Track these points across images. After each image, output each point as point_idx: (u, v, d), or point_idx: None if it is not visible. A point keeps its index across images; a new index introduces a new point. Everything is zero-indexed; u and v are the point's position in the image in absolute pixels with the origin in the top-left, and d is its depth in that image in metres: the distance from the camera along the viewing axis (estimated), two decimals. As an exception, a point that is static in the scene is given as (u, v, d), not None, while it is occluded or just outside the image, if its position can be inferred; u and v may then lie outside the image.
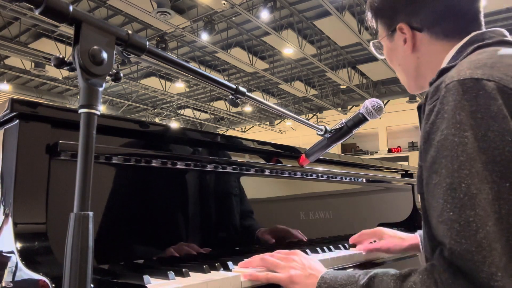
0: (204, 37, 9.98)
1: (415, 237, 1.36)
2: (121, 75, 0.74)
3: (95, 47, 0.64)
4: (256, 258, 1.09)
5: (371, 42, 1.17)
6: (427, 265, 0.78)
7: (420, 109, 0.89)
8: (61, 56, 0.66)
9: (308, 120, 1.88)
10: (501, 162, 0.69)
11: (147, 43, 0.77)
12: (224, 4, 8.84)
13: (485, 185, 0.69)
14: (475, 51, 0.86)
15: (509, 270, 0.66)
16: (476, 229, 0.68)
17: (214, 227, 1.34)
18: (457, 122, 0.72)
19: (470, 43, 0.90)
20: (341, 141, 1.37)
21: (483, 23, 0.96)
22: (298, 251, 1.08)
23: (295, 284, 0.98)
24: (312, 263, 1.02)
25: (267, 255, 1.08)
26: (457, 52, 0.92)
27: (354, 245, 1.49)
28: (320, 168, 1.78)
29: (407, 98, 15.60)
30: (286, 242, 1.53)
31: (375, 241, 1.45)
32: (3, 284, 0.84)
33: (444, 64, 0.92)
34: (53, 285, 0.75)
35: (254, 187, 1.49)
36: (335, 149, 4.66)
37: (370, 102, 1.31)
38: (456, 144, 0.72)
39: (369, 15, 1.12)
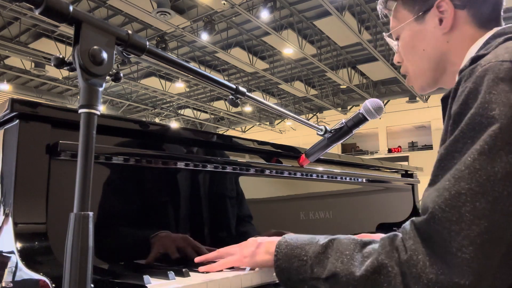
0: (204, 37, 9.98)
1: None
2: (121, 75, 0.74)
3: (95, 47, 0.64)
4: (212, 253, 1.08)
5: (386, 35, 1.11)
6: (390, 234, 0.78)
7: (444, 100, 0.88)
8: (61, 56, 0.66)
9: (308, 120, 1.88)
10: None
11: (147, 43, 0.77)
12: (224, 4, 8.84)
13: (494, 163, 0.68)
14: (506, 42, 0.84)
15: (484, 249, 0.66)
16: (464, 202, 0.68)
17: (214, 227, 1.33)
18: (486, 101, 0.71)
19: (498, 35, 0.89)
20: (341, 141, 1.36)
21: (502, 21, 0.97)
22: (252, 238, 1.04)
23: (248, 258, 0.98)
24: (268, 238, 0.99)
25: (222, 249, 1.07)
26: (485, 43, 0.90)
27: None
28: (320, 168, 1.78)
29: (407, 98, 15.60)
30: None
31: None
32: (3, 284, 0.84)
33: (471, 54, 0.91)
34: (53, 285, 0.75)
35: (254, 187, 1.49)
36: (335, 149, 4.67)
37: (370, 102, 1.31)
38: (477, 123, 0.71)
39: (385, 1, 1.08)
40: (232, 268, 1.03)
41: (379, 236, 1.40)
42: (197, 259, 1.09)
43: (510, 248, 0.67)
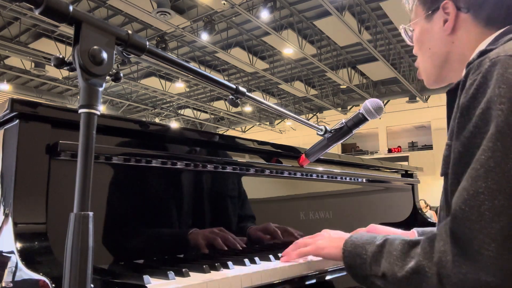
0: (204, 37, 9.98)
1: (412, 233, 1.35)
2: (121, 75, 0.74)
3: (95, 47, 0.64)
4: (291, 246, 1.19)
5: (401, 27, 1.12)
6: (431, 234, 0.80)
7: (450, 92, 0.88)
8: (61, 56, 0.66)
9: (308, 120, 1.88)
10: None
11: (147, 43, 0.77)
12: (224, 4, 8.83)
13: (508, 160, 0.68)
14: None
15: (507, 245, 0.66)
16: (483, 201, 0.69)
17: (214, 226, 1.33)
18: (495, 95, 0.72)
19: (507, 33, 0.89)
20: (341, 141, 1.36)
21: None
22: (326, 229, 1.20)
23: (322, 249, 1.07)
24: (338, 232, 1.12)
25: (298, 240, 1.18)
26: (494, 39, 0.90)
27: None
28: (320, 168, 1.78)
29: (407, 98, 15.59)
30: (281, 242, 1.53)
31: None
32: (3, 284, 0.84)
33: (480, 50, 0.90)
34: (53, 285, 0.75)
35: (254, 187, 1.49)
36: (335, 149, 4.67)
37: (370, 102, 1.31)
38: (490, 117, 0.71)
39: None
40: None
41: (374, 227, 1.41)
42: (282, 259, 1.18)
43: None
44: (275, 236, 1.49)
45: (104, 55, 0.64)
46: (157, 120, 18.69)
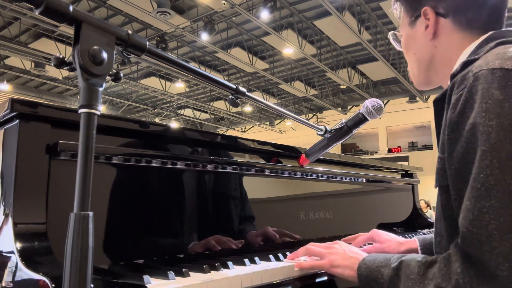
0: (204, 37, 9.98)
1: (413, 242, 1.34)
2: (121, 75, 0.74)
3: (95, 47, 0.64)
4: (302, 249, 1.18)
5: (390, 34, 1.16)
6: (446, 254, 0.80)
7: (436, 102, 0.90)
8: (61, 56, 0.66)
9: (308, 120, 1.88)
10: None
11: (147, 43, 0.77)
12: (224, 4, 8.84)
13: (507, 175, 0.69)
14: (497, 47, 0.85)
15: None
16: (489, 220, 0.69)
17: (214, 226, 1.33)
18: (483, 111, 0.73)
19: (490, 39, 0.89)
20: (341, 141, 1.36)
21: (504, 24, 0.97)
22: (339, 241, 1.17)
23: (336, 268, 1.05)
24: (352, 249, 1.10)
25: (311, 245, 1.17)
26: (477, 47, 0.91)
27: None
28: (320, 168, 1.78)
29: (407, 98, 15.59)
30: (281, 243, 1.53)
31: (369, 244, 1.43)
32: (3, 284, 0.84)
33: (462, 58, 0.92)
34: (53, 285, 0.75)
35: (254, 187, 1.49)
36: (335, 149, 4.66)
37: (370, 102, 1.31)
38: (480, 133, 0.72)
39: (394, 2, 1.12)
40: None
41: (376, 233, 1.40)
42: (289, 257, 1.20)
43: None
44: (274, 241, 1.49)
45: (104, 55, 0.64)
46: (157, 120, 18.69)
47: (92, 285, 0.59)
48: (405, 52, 1.10)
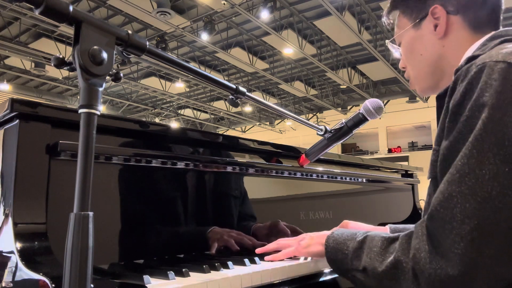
0: (204, 37, 9.98)
1: (385, 229, 1.36)
2: (121, 75, 0.74)
3: (95, 47, 0.64)
4: (272, 244, 1.22)
5: (387, 42, 1.17)
6: (408, 232, 0.85)
7: (439, 98, 0.91)
8: (61, 56, 0.66)
9: (308, 120, 1.88)
10: (508, 147, 0.71)
11: (147, 43, 0.77)
12: (224, 4, 8.84)
13: (482, 166, 0.72)
14: (502, 44, 0.86)
15: (475, 245, 0.70)
16: (455, 204, 0.73)
17: (214, 226, 1.33)
18: (479, 103, 0.74)
19: (494, 38, 0.91)
20: (341, 141, 1.37)
21: (500, 24, 0.99)
22: (305, 233, 1.22)
23: (306, 248, 1.11)
24: (319, 233, 1.14)
25: (280, 239, 1.22)
26: (482, 44, 0.92)
27: None
28: (320, 168, 1.78)
29: (407, 98, 15.60)
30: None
31: None
32: (3, 284, 0.84)
33: (467, 55, 0.92)
34: (53, 285, 0.75)
35: (254, 187, 1.49)
36: (335, 149, 4.66)
37: (370, 102, 1.31)
38: (472, 125, 0.74)
39: (388, 10, 1.13)
40: (291, 258, 1.19)
41: (345, 223, 1.41)
42: (258, 250, 1.22)
43: (504, 244, 0.71)
44: (283, 235, 1.49)
45: (104, 55, 0.64)
46: (157, 120, 18.69)
47: (92, 285, 0.59)
48: (409, 55, 1.08)
